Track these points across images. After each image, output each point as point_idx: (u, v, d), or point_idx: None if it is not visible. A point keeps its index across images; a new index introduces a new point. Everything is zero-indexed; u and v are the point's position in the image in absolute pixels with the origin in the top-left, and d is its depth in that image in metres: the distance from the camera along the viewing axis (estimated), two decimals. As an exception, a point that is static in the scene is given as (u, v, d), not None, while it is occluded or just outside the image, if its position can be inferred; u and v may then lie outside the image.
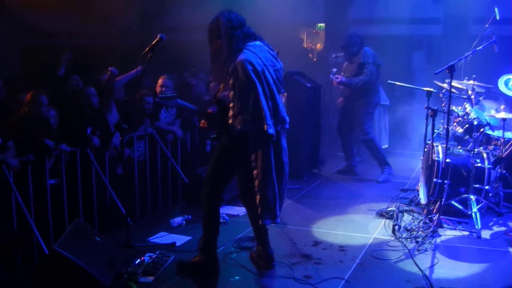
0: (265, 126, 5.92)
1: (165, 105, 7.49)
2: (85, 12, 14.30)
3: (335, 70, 10.99)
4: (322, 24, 17.59)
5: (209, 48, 6.20)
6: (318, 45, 17.41)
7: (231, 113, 6.02)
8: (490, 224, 8.12)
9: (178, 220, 8.22)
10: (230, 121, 6.03)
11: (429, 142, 8.56)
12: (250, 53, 5.98)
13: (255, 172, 6.15)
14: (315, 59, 16.84)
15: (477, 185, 8.29)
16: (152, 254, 6.90)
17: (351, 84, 10.69)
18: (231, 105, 6.03)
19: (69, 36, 15.72)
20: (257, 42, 6.17)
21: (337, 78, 10.69)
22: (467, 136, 8.92)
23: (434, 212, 8.08)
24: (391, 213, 8.38)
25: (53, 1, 13.43)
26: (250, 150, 6.12)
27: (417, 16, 15.10)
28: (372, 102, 10.88)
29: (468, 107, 8.98)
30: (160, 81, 9.84)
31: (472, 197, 8.07)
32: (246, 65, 5.86)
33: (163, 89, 9.57)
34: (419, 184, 9.18)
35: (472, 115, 8.76)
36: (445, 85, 9.02)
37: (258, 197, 6.21)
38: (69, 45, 13.70)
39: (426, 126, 8.56)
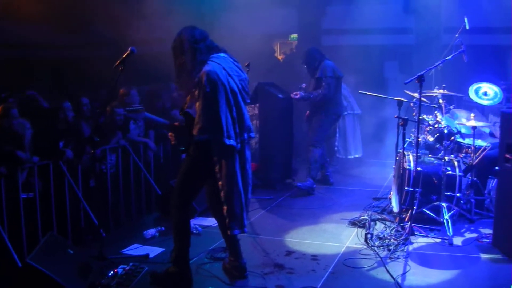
0: (223, 137, 6.01)
1: (133, 118, 7.41)
2: (60, 23, 14.20)
3: (304, 85, 11.04)
4: (295, 35, 17.71)
5: (174, 64, 6.29)
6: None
7: (195, 122, 6.12)
8: (462, 230, 8.20)
9: (151, 231, 8.23)
10: (193, 131, 6.11)
11: (400, 151, 8.62)
12: (215, 64, 6.10)
13: (220, 183, 6.22)
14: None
15: (448, 193, 8.35)
16: (125, 266, 6.89)
17: (311, 98, 10.67)
18: (196, 115, 6.11)
19: (44, 48, 15.63)
20: (221, 54, 6.30)
21: (296, 95, 10.70)
22: (438, 145, 9.00)
23: (406, 220, 8.14)
24: (364, 222, 8.43)
25: (27, 11, 13.34)
26: (215, 161, 6.20)
27: (390, 26, 15.24)
28: (330, 114, 10.82)
29: (438, 115, 9.06)
30: (122, 91, 9.86)
31: (444, 204, 8.15)
32: (210, 75, 5.98)
33: (132, 99, 9.61)
34: (391, 193, 9.23)
35: (443, 123, 8.85)
36: (416, 95, 9.09)
37: (225, 207, 6.29)
38: (43, 57, 13.68)
39: (397, 135, 8.63)
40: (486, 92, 9.53)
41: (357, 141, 13.18)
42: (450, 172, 8.41)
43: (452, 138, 8.83)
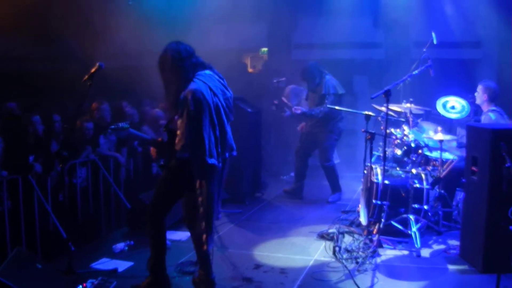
0: (205, 156, 6.01)
1: (117, 136, 7.37)
2: (33, 36, 14.13)
3: (276, 102, 11.18)
4: (266, 49, 17.75)
5: (162, 80, 6.30)
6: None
7: (177, 139, 6.10)
8: (430, 242, 8.27)
9: (120, 245, 8.18)
10: (176, 147, 6.11)
11: (368, 164, 8.67)
12: (200, 82, 6.08)
13: (200, 198, 6.20)
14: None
15: (416, 205, 8.42)
16: (94, 280, 6.85)
17: (312, 115, 10.85)
18: (178, 132, 6.11)
19: (17, 60, 15.52)
20: (207, 71, 6.29)
21: (297, 110, 10.87)
22: (406, 158, 9.07)
23: (374, 232, 8.18)
24: (332, 235, 8.46)
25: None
26: (195, 177, 6.20)
27: (360, 41, 15.33)
28: (337, 129, 11.08)
29: (406, 129, 9.14)
30: (94, 105, 9.85)
31: (412, 217, 8.21)
32: (195, 94, 5.95)
33: (102, 113, 9.63)
34: (360, 206, 9.28)
35: (410, 137, 8.93)
36: (383, 109, 9.17)
37: (203, 223, 6.28)
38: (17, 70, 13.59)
39: (365, 149, 8.68)
40: (453, 105, 9.61)
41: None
42: (417, 185, 8.49)
43: (420, 151, 8.93)
